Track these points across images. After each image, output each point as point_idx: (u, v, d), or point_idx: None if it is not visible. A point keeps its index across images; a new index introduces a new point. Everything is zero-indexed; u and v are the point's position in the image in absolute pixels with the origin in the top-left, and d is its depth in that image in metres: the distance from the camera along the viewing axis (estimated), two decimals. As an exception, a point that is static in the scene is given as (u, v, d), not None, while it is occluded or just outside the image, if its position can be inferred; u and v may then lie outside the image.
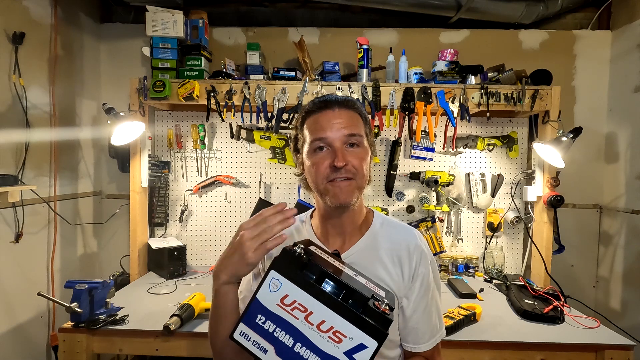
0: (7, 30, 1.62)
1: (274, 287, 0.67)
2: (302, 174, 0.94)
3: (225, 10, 2.24)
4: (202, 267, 2.11)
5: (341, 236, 0.92)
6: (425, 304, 0.89)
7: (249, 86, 1.84)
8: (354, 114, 0.88)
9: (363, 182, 0.87)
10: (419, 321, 0.88)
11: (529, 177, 1.99)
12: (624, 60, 2.08)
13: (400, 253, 0.90)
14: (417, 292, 0.88)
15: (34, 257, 1.79)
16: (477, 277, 2.01)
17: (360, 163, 0.85)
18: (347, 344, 0.64)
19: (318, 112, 0.87)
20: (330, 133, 0.84)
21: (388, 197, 2.08)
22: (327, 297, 0.65)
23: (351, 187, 0.85)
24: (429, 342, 0.89)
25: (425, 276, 0.89)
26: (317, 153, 0.86)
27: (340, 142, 0.84)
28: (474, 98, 1.84)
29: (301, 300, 0.66)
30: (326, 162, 0.84)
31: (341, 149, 0.84)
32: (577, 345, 1.32)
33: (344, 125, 0.84)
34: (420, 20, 2.18)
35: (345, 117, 0.86)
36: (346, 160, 0.83)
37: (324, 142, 0.85)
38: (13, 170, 1.66)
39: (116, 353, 1.45)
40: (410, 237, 0.92)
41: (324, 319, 0.65)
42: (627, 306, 2.00)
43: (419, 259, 0.89)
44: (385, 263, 0.89)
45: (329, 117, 0.85)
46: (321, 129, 0.85)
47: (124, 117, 1.78)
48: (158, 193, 2.10)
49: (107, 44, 2.23)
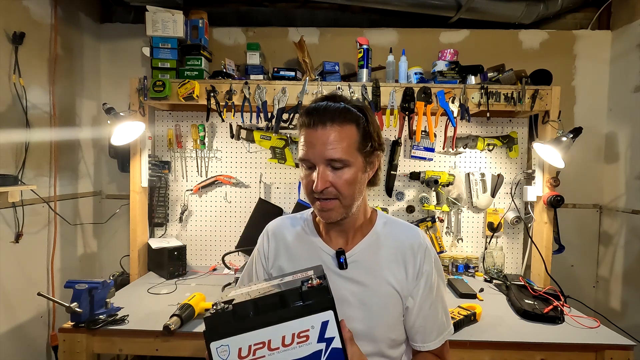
0: (7, 30, 1.62)
1: (224, 354, 0.65)
2: None
3: (225, 10, 2.24)
4: (202, 267, 2.11)
5: (344, 238, 0.92)
6: (431, 302, 0.89)
7: (249, 86, 1.84)
8: (349, 127, 0.82)
9: (350, 200, 0.84)
10: (426, 319, 0.88)
11: (529, 177, 1.99)
12: (624, 60, 2.08)
13: (404, 252, 0.89)
14: (422, 290, 0.88)
15: (34, 257, 1.79)
16: (477, 277, 2.01)
17: (344, 184, 0.82)
18: (314, 334, 0.65)
19: (308, 128, 0.83)
20: (312, 155, 0.81)
21: (388, 197, 2.08)
22: (269, 317, 0.65)
23: (335, 207, 0.83)
24: (437, 340, 0.89)
25: (429, 274, 0.89)
26: (306, 169, 0.85)
27: (323, 164, 0.81)
28: (474, 98, 1.84)
29: (254, 341, 0.65)
30: (311, 180, 0.83)
31: (322, 172, 0.81)
32: (577, 345, 1.32)
33: (331, 147, 0.80)
34: (420, 20, 2.18)
35: (334, 136, 0.80)
36: (326, 183, 0.81)
37: (309, 163, 0.83)
38: (13, 170, 1.66)
39: (116, 353, 1.45)
40: (413, 236, 0.92)
41: (282, 335, 0.65)
42: (627, 306, 2.00)
43: (423, 258, 0.89)
44: (389, 262, 0.89)
45: (318, 135, 0.81)
46: (307, 148, 0.82)
47: (124, 117, 1.78)
48: (158, 193, 2.10)
49: (107, 44, 2.23)
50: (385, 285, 0.87)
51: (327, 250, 0.91)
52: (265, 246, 0.99)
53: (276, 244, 0.97)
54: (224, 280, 1.85)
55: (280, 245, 0.96)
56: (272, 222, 1.03)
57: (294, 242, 0.95)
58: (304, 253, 0.93)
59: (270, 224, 1.03)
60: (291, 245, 0.95)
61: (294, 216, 1.02)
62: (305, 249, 0.93)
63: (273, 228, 1.00)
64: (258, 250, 1.01)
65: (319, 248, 0.92)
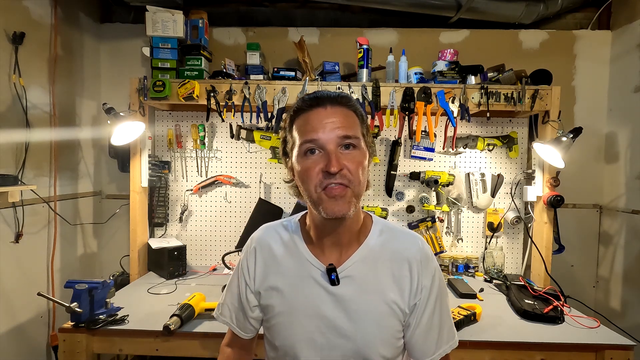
0: (7, 30, 1.62)
1: None
2: (292, 180, 0.84)
3: (225, 10, 2.24)
4: (202, 267, 2.11)
5: (337, 248, 0.84)
6: (429, 316, 0.83)
7: (249, 86, 1.84)
8: (349, 111, 0.79)
9: (360, 189, 0.77)
10: (423, 334, 0.83)
11: (529, 177, 1.99)
12: (624, 60, 2.08)
13: (402, 265, 0.83)
14: (420, 304, 0.83)
15: (34, 257, 1.79)
16: (477, 277, 2.01)
17: (357, 168, 0.75)
18: None
19: (308, 111, 0.78)
20: (322, 134, 0.74)
21: (388, 197, 2.08)
22: None
23: (347, 196, 0.75)
24: (435, 355, 0.84)
25: (429, 288, 0.83)
26: (309, 157, 0.76)
27: (334, 144, 0.75)
28: (474, 98, 1.84)
29: None
30: (318, 167, 0.75)
31: (335, 152, 0.74)
32: (577, 345, 1.31)
33: (338, 125, 0.75)
34: (420, 20, 2.18)
35: (340, 115, 0.76)
36: (341, 164, 0.73)
37: (316, 145, 0.75)
38: (13, 170, 1.66)
39: (116, 353, 1.45)
40: (412, 246, 0.85)
41: None
42: (627, 306, 2.00)
43: (422, 270, 0.83)
44: (385, 277, 0.82)
45: (321, 116, 0.76)
46: (312, 130, 0.75)
47: (124, 117, 1.78)
48: (158, 193, 2.10)
49: (107, 44, 2.23)
50: (381, 302, 0.81)
51: (317, 265, 0.83)
52: (251, 264, 0.90)
53: (263, 259, 0.88)
54: (224, 280, 1.85)
55: (269, 260, 0.88)
56: (258, 231, 0.94)
57: (283, 254, 0.87)
58: (294, 267, 0.85)
59: (256, 234, 0.94)
60: (280, 259, 0.87)
61: (281, 223, 0.93)
62: (295, 263, 0.86)
63: (258, 239, 0.91)
64: (241, 268, 0.92)
65: (307, 262, 0.84)
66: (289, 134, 0.82)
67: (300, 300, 0.84)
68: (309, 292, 0.83)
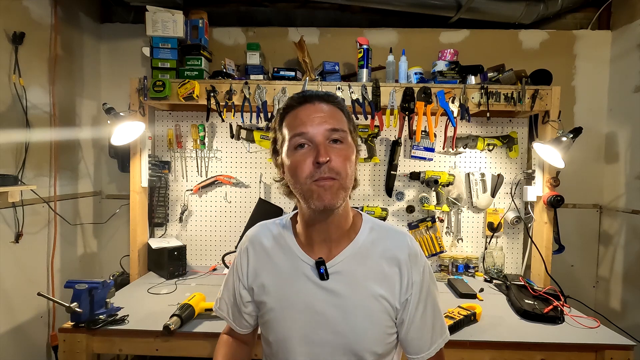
0: (7, 30, 1.62)
1: None
2: (282, 179, 0.86)
3: (225, 10, 2.24)
4: (202, 267, 2.11)
5: (327, 243, 0.85)
6: (422, 311, 0.84)
7: (249, 86, 1.84)
8: (335, 108, 0.82)
9: (347, 182, 0.79)
10: (419, 330, 0.85)
11: (529, 177, 1.99)
12: (624, 60, 2.08)
13: (392, 261, 0.84)
14: (413, 301, 0.84)
15: (34, 257, 1.79)
16: (477, 277, 2.01)
17: (344, 161, 0.78)
18: None
19: (297, 107, 0.81)
20: (311, 128, 0.77)
21: (388, 197, 2.08)
22: None
23: (335, 187, 0.77)
24: (430, 350, 0.85)
25: (420, 284, 0.84)
26: (298, 150, 0.79)
27: (323, 137, 0.77)
28: (474, 98, 1.84)
29: None
30: (308, 160, 0.77)
31: (324, 144, 0.77)
32: (577, 345, 1.31)
33: (326, 119, 0.78)
34: (420, 20, 2.18)
35: (327, 111, 0.80)
36: (329, 156, 0.76)
37: (305, 138, 0.78)
38: (13, 170, 1.66)
39: (116, 353, 1.45)
40: (401, 243, 0.86)
41: None
42: (627, 306, 2.00)
43: (412, 266, 0.84)
44: (375, 273, 0.83)
45: (309, 111, 0.79)
46: (301, 124, 0.78)
47: (124, 117, 1.78)
48: (158, 193, 2.10)
49: (107, 44, 2.23)
50: (371, 298, 0.82)
51: (306, 259, 0.85)
52: (244, 260, 0.92)
53: (256, 256, 0.91)
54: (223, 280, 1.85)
55: (261, 257, 0.90)
56: (252, 229, 0.96)
57: (274, 251, 0.89)
58: (285, 263, 0.87)
59: (250, 231, 0.96)
60: (271, 255, 0.89)
61: (273, 222, 0.95)
62: (286, 259, 0.87)
63: (252, 236, 0.94)
64: (235, 264, 0.95)
65: (297, 257, 0.86)
66: (278, 132, 0.85)
67: (291, 296, 0.85)
68: (300, 288, 0.84)
